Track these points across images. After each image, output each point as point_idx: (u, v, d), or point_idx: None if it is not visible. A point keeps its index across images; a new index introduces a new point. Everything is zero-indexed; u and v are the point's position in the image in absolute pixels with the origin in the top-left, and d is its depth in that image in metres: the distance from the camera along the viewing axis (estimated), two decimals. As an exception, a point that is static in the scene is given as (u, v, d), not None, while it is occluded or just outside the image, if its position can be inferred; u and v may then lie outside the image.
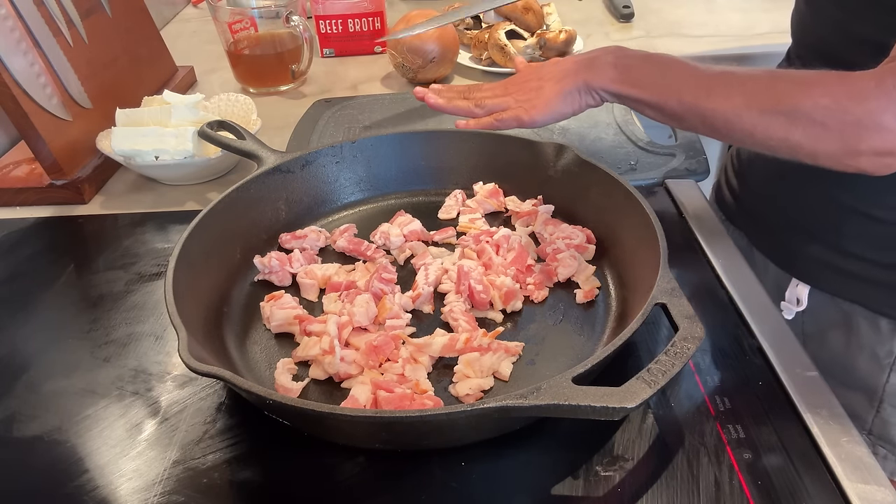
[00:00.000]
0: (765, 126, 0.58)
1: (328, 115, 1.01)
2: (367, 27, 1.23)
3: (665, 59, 0.67)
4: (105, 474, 0.51)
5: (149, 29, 1.09)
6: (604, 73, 0.67)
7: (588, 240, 0.69)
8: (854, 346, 0.76)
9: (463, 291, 0.63)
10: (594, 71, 0.68)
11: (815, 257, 0.76)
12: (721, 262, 0.69)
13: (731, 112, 0.59)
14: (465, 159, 0.79)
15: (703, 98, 0.61)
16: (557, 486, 0.49)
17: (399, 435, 0.50)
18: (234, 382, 0.47)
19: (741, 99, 0.59)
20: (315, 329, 0.60)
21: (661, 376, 0.46)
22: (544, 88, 0.71)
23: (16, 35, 0.80)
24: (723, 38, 1.24)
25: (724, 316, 0.63)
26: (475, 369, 0.56)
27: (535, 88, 0.72)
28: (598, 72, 0.68)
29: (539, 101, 0.71)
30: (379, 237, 0.72)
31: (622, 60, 0.68)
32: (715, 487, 0.48)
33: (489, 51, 1.13)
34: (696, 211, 0.77)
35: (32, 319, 0.68)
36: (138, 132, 0.84)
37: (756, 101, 0.58)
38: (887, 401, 0.76)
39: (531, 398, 0.44)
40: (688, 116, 0.63)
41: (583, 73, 0.69)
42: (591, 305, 0.64)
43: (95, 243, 0.79)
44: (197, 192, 0.87)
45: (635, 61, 0.67)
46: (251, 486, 0.50)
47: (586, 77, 0.68)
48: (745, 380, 0.56)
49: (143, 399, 0.58)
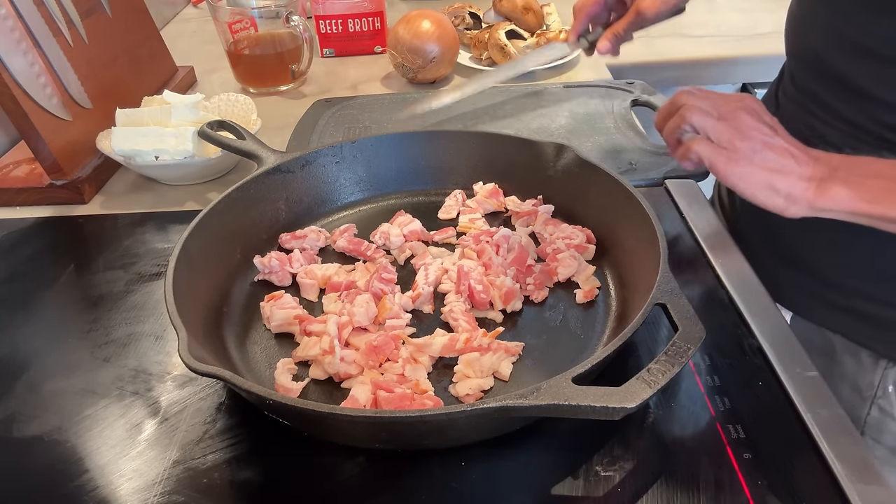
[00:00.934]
0: None
1: (328, 115, 1.01)
2: (367, 27, 1.23)
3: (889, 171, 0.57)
4: (105, 474, 0.51)
5: (149, 29, 1.09)
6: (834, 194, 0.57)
7: (588, 240, 0.69)
8: (836, 376, 0.75)
9: (463, 291, 0.63)
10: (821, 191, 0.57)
11: (799, 285, 0.75)
12: (721, 261, 0.69)
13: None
14: (465, 159, 0.79)
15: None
16: (557, 486, 0.49)
17: (399, 435, 0.50)
18: (234, 382, 0.47)
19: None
20: (315, 329, 0.60)
21: (661, 376, 0.46)
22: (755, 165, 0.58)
23: (16, 35, 0.80)
24: (723, 38, 1.24)
25: (724, 316, 0.63)
26: (475, 369, 0.56)
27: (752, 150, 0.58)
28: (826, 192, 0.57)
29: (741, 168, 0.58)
30: (379, 237, 0.72)
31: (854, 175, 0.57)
32: (715, 487, 0.48)
33: (489, 51, 1.13)
34: (696, 211, 0.77)
35: (32, 319, 0.68)
36: (138, 132, 0.84)
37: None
38: (868, 433, 0.75)
39: (531, 398, 0.44)
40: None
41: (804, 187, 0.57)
42: (591, 305, 0.64)
43: (95, 243, 0.79)
44: (197, 192, 0.87)
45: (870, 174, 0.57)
46: (251, 486, 0.50)
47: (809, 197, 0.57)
48: (745, 380, 0.56)
49: (143, 399, 0.58)
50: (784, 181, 0.57)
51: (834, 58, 0.66)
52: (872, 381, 0.73)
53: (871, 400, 0.74)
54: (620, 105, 0.98)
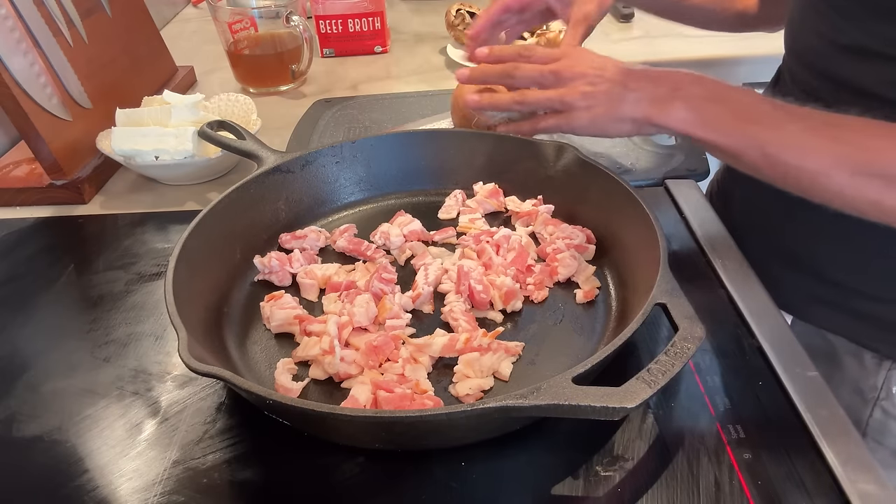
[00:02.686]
0: (856, 188, 0.53)
1: (328, 115, 1.01)
2: (367, 27, 1.23)
3: (746, 98, 0.59)
4: (105, 474, 0.51)
5: (149, 29, 1.09)
6: (673, 111, 0.60)
7: (588, 240, 0.69)
8: (837, 379, 0.75)
9: (463, 291, 0.63)
10: (661, 107, 0.60)
11: (800, 287, 0.74)
12: (721, 261, 0.69)
13: (820, 171, 0.54)
14: (465, 159, 0.79)
15: (790, 153, 0.55)
16: (557, 486, 0.49)
17: (399, 435, 0.50)
18: (234, 382, 0.47)
19: (831, 158, 0.54)
20: (315, 329, 0.60)
21: (661, 376, 0.46)
22: (597, 107, 0.63)
23: (16, 35, 0.80)
24: (723, 38, 1.24)
25: (724, 316, 0.63)
26: (475, 369, 0.56)
27: (587, 96, 0.64)
28: (665, 109, 0.60)
29: (586, 117, 0.64)
30: (379, 237, 0.72)
31: (697, 97, 0.60)
32: (715, 487, 0.48)
33: (489, 51, 1.13)
34: (696, 211, 0.77)
35: (32, 319, 0.68)
36: (138, 132, 0.84)
37: (848, 161, 0.53)
38: (870, 435, 0.75)
39: (531, 398, 0.44)
40: (769, 171, 0.57)
41: (646, 106, 0.61)
42: (591, 305, 0.64)
43: (95, 243, 0.79)
44: (197, 192, 0.87)
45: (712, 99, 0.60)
46: (251, 486, 0.50)
47: (650, 114, 0.61)
48: (746, 380, 0.56)
49: (143, 399, 0.58)
50: (623, 109, 0.62)
51: (833, 57, 0.66)
52: (876, 384, 0.73)
53: (874, 402, 0.73)
54: (620, 105, 0.98)
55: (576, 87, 0.65)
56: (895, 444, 0.74)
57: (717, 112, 0.59)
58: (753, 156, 0.57)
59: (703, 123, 0.59)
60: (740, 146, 0.58)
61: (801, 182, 0.56)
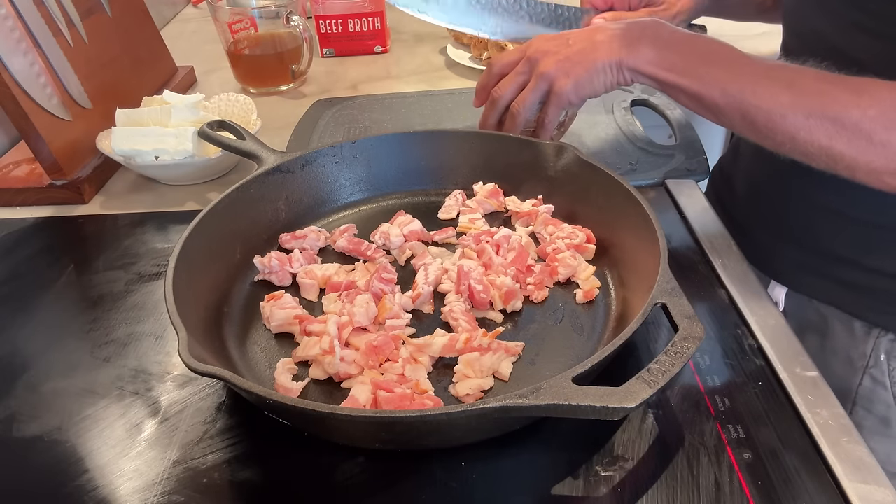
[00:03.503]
0: (808, 130, 0.55)
1: (328, 115, 1.01)
2: (367, 27, 1.23)
3: (710, 44, 0.62)
4: (105, 474, 0.51)
5: (149, 29, 1.09)
6: (640, 52, 0.62)
7: (588, 240, 0.69)
8: (829, 349, 0.76)
9: (463, 291, 0.63)
10: (630, 48, 0.63)
11: (792, 258, 0.76)
12: (721, 261, 0.69)
13: (776, 111, 0.56)
14: (465, 159, 0.79)
15: (748, 92, 0.57)
16: (557, 486, 0.49)
17: (399, 435, 0.50)
18: (234, 382, 0.47)
19: (788, 98, 0.56)
20: (315, 329, 0.60)
21: (661, 376, 0.46)
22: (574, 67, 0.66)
23: (16, 35, 0.80)
24: (723, 38, 1.24)
25: (724, 316, 0.63)
26: (475, 369, 0.56)
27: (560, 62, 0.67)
28: (634, 49, 0.63)
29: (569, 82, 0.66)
30: (379, 237, 0.72)
31: (662, 39, 0.63)
32: (715, 487, 0.48)
33: (489, 51, 1.13)
34: (696, 211, 0.77)
35: (32, 319, 0.68)
36: (138, 132, 0.84)
37: (803, 103, 0.55)
38: (859, 403, 0.76)
39: (531, 398, 0.44)
40: (728, 110, 0.59)
41: (617, 47, 0.63)
42: (591, 305, 0.64)
43: (95, 243, 0.79)
44: (197, 192, 0.87)
45: (677, 42, 0.62)
46: (251, 486, 0.50)
47: (622, 55, 0.63)
48: (745, 380, 0.56)
49: (143, 399, 0.58)
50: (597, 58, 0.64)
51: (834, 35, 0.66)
52: (865, 351, 0.74)
53: (864, 370, 0.75)
54: (620, 105, 0.98)
55: (547, 62, 0.68)
56: (883, 412, 0.75)
57: (682, 53, 0.62)
58: (714, 95, 0.59)
59: (668, 66, 0.62)
60: (702, 87, 0.60)
61: (756, 123, 0.58)
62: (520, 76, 0.71)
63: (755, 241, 0.70)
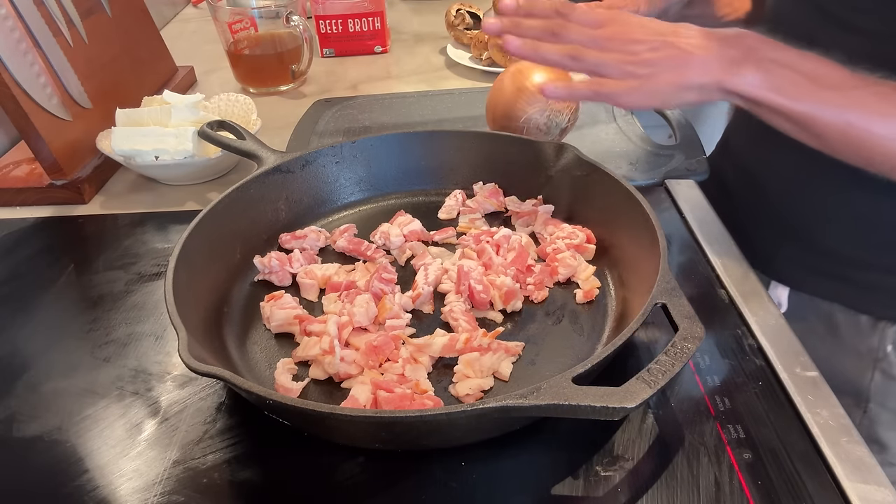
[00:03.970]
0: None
1: (328, 115, 1.01)
2: (367, 27, 1.23)
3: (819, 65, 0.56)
4: (105, 474, 0.51)
5: (149, 29, 1.09)
6: (744, 75, 0.56)
7: (588, 240, 0.69)
8: (837, 346, 0.76)
9: (463, 291, 0.63)
10: (732, 69, 0.56)
11: (793, 258, 0.76)
12: (721, 261, 0.69)
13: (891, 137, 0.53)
14: (465, 159, 0.79)
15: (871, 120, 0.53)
16: (557, 486, 0.49)
17: (399, 435, 0.50)
18: (234, 382, 0.47)
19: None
20: (315, 329, 0.60)
21: (661, 376, 0.46)
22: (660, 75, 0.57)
23: (16, 35, 0.80)
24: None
25: (724, 316, 0.63)
26: (475, 369, 0.56)
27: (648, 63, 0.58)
28: (736, 72, 0.56)
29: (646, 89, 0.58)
30: (379, 237, 0.72)
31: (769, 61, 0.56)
32: (715, 487, 0.48)
33: (489, 51, 1.13)
34: (696, 211, 0.77)
35: (32, 319, 0.68)
36: (138, 132, 0.84)
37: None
38: (873, 399, 0.76)
39: (531, 398, 0.44)
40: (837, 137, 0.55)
41: (716, 69, 0.56)
42: (591, 305, 0.64)
43: (95, 243, 0.79)
44: (197, 192, 0.87)
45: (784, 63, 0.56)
46: (251, 486, 0.50)
47: (721, 78, 0.56)
48: (745, 380, 0.56)
49: (143, 399, 0.58)
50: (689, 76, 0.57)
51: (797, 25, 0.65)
52: (872, 344, 0.74)
53: (874, 364, 0.74)
54: (620, 105, 0.98)
55: (637, 53, 0.58)
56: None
57: (792, 76, 0.56)
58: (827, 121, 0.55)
59: (776, 88, 0.55)
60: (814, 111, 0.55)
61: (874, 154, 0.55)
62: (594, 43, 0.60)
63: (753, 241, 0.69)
